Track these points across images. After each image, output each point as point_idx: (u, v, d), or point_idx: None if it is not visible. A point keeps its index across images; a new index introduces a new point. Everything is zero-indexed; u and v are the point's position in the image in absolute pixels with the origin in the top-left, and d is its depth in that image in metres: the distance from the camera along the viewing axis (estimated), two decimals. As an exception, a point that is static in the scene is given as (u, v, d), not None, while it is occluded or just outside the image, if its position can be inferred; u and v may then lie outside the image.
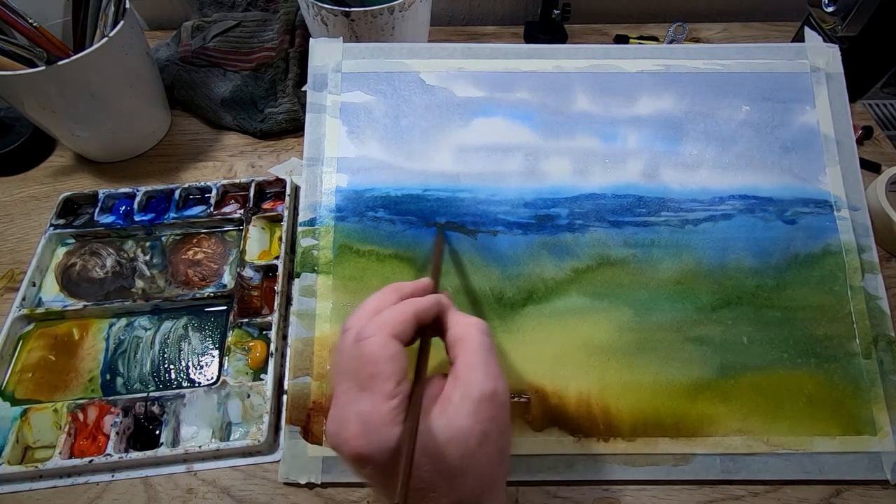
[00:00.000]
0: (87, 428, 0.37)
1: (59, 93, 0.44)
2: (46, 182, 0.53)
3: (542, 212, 0.41)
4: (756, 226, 0.40)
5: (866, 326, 0.38)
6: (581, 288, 0.39)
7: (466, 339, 0.25)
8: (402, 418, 0.23)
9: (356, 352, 0.24)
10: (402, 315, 0.25)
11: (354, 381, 0.24)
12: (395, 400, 0.23)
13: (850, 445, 0.36)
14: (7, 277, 0.46)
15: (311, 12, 0.49)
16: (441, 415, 0.23)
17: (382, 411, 0.23)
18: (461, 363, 0.25)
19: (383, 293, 0.27)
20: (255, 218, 0.47)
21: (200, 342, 0.42)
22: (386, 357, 0.23)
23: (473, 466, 0.23)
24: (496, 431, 0.24)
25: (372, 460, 0.22)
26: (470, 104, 0.43)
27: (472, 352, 0.25)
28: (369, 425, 0.22)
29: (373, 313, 0.25)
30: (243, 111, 0.56)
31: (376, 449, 0.22)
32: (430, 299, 0.27)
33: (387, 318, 0.25)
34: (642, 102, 0.43)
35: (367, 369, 0.23)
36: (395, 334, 0.24)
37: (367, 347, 0.24)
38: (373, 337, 0.24)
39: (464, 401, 0.23)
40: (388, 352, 0.23)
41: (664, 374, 0.37)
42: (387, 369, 0.23)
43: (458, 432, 0.23)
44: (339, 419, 0.24)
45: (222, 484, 0.36)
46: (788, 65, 0.44)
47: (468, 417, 0.23)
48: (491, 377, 0.24)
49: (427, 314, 0.26)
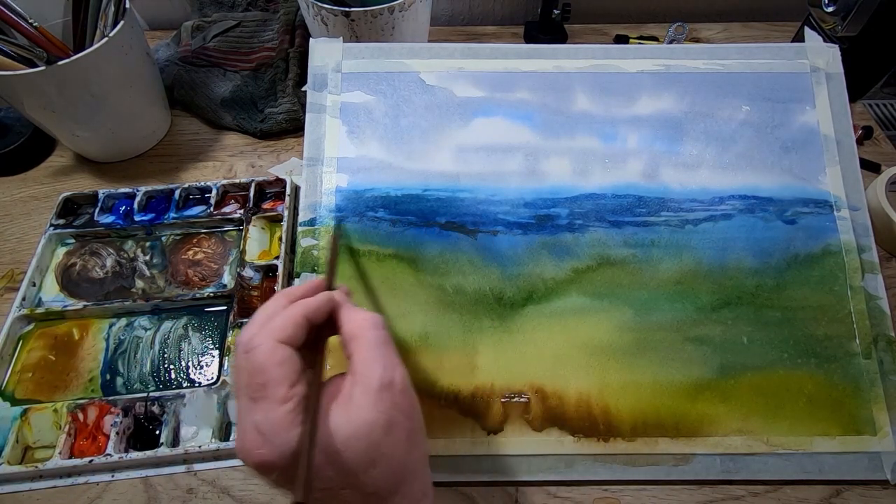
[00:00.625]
0: (87, 428, 0.37)
1: (59, 93, 0.44)
2: (46, 182, 0.53)
3: (542, 212, 0.41)
4: (756, 226, 0.40)
5: (866, 326, 0.38)
6: (581, 288, 0.39)
7: (360, 335, 0.25)
8: (300, 420, 0.23)
9: (246, 364, 0.24)
10: (290, 318, 0.25)
11: (248, 393, 0.23)
12: (289, 403, 0.23)
13: (850, 445, 0.36)
14: (7, 277, 0.46)
15: (311, 12, 0.49)
16: (342, 412, 0.23)
17: (277, 416, 0.22)
18: (357, 359, 0.25)
19: (273, 300, 0.27)
20: (255, 218, 0.47)
21: (200, 342, 0.42)
22: (274, 363, 0.23)
23: (382, 457, 0.23)
24: (401, 417, 0.24)
25: (275, 466, 0.22)
26: (470, 104, 0.43)
27: (367, 347, 0.25)
28: (266, 432, 0.22)
29: (263, 323, 0.25)
30: (243, 111, 0.56)
31: (277, 454, 0.22)
32: (320, 298, 0.26)
33: (274, 324, 0.24)
34: (642, 102, 0.43)
35: (257, 378, 0.23)
36: (283, 339, 0.24)
37: (255, 357, 0.23)
38: (260, 346, 0.23)
39: (363, 394, 0.23)
40: (276, 357, 0.23)
41: (664, 374, 0.37)
42: (276, 375, 0.23)
43: (361, 426, 0.23)
44: (239, 432, 0.24)
45: (222, 484, 0.36)
46: (788, 65, 0.44)
47: (369, 410, 0.23)
48: (388, 367, 0.24)
49: (318, 314, 0.26)
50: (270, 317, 0.25)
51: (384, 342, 0.25)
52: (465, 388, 0.37)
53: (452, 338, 0.38)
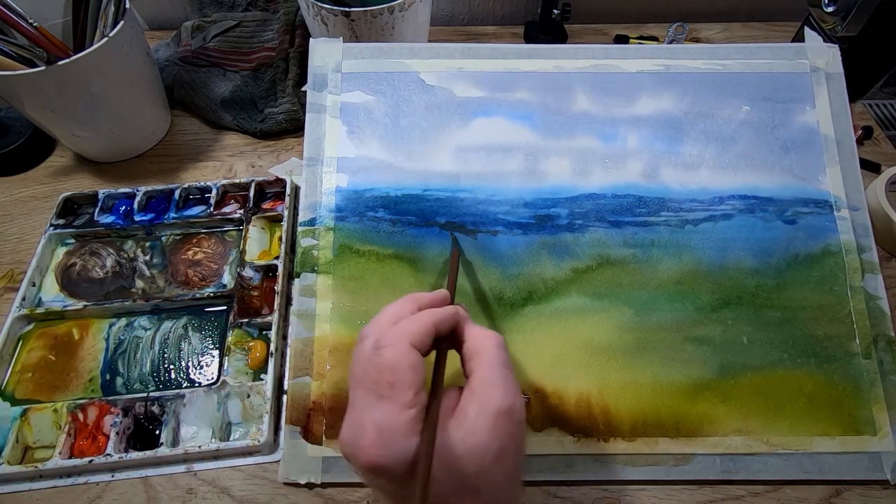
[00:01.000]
0: (87, 428, 0.37)
1: (59, 93, 0.44)
2: (46, 182, 0.53)
3: (542, 212, 0.41)
4: (756, 226, 0.40)
5: (866, 326, 0.38)
6: (581, 288, 0.39)
7: (483, 353, 0.25)
8: (419, 429, 0.22)
9: (376, 359, 0.23)
10: (422, 325, 0.25)
11: (372, 390, 0.23)
12: (413, 410, 0.22)
13: (850, 445, 0.36)
14: (7, 277, 0.46)
15: (311, 12, 0.49)
16: (457, 428, 0.23)
17: (400, 420, 0.22)
18: (477, 377, 0.24)
19: (401, 302, 0.27)
20: (255, 218, 0.47)
21: (200, 342, 0.42)
22: (406, 366, 0.23)
23: (488, 484, 0.23)
24: (513, 449, 0.23)
25: (387, 470, 0.22)
26: (470, 104, 0.43)
27: (489, 366, 0.25)
28: (386, 434, 0.22)
29: (391, 322, 0.25)
30: (243, 111, 0.56)
31: (393, 459, 0.22)
32: (449, 310, 0.26)
33: (407, 327, 0.24)
34: (642, 102, 0.43)
35: (386, 378, 0.23)
36: (414, 344, 0.24)
37: (388, 355, 0.23)
38: (393, 345, 0.23)
39: (480, 415, 0.23)
40: (409, 361, 0.23)
41: (664, 374, 0.37)
42: (406, 378, 0.23)
43: (475, 447, 0.22)
44: (354, 427, 0.23)
45: (222, 484, 0.36)
46: (788, 65, 0.44)
47: (485, 433, 0.23)
48: (509, 393, 0.24)
49: (445, 325, 0.26)
50: (397, 318, 0.25)
51: (506, 364, 0.25)
52: (465, 388, 0.37)
53: (452, 338, 0.38)
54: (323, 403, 0.37)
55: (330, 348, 0.38)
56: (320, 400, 0.37)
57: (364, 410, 0.23)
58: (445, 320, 0.26)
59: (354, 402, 0.24)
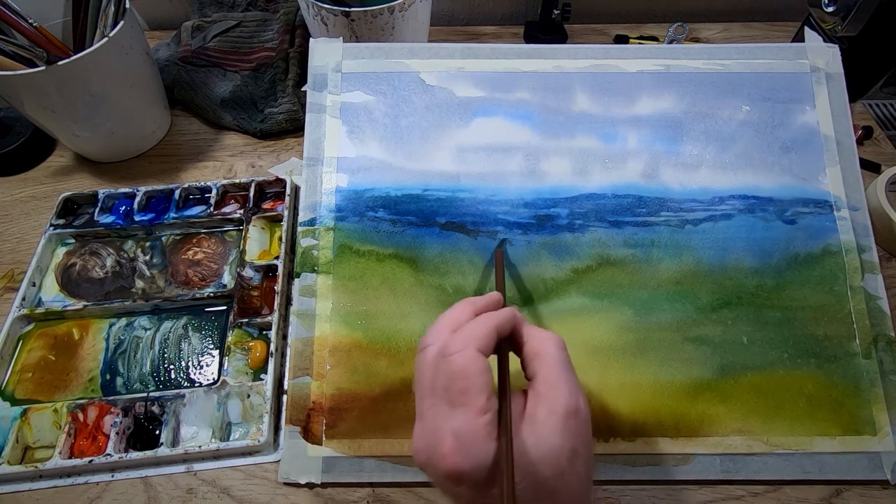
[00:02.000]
0: (87, 428, 0.37)
1: (59, 93, 0.44)
2: (46, 182, 0.53)
3: (542, 212, 0.41)
4: (756, 226, 0.40)
5: (866, 326, 0.38)
6: (581, 288, 0.39)
7: (544, 354, 0.25)
8: (496, 434, 0.22)
9: (445, 366, 0.23)
10: (486, 329, 0.24)
11: (443, 397, 0.23)
12: (488, 415, 0.22)
13: (850, 445, 0.36)
14: (7, 277, 0.46)
15: (311, 12, 0.49)
16: (529, 432, 0.23)
17: (478, 426, 0.22)
18: (542, 379, 0.24)
19: (458, 309, 0.27)
20: (255, 218, 0.47)
21: (200, 342, 0.42)
22: (476, 371, 0.23)
23: (565, 486, 0.23)
24: (584, 449, 0.23)
25: (469, 477, 0.22)
26: (470, 104, 0.43)
27: (552, 367, 0.25)
28: (465, 441, 0.22)
29: (451, 328, 0.25)
30: (243, 111, 0.56)
31: (474, 465, 0.22)
32: (508, 312, 0.26)
33: (471, 332, 0.24)
34: (642, 102, 0.43)
35: (458, 384, 0.23)
36: (480, 348, 0.24)
37: (458, 362, 0.23)
38: (461, 351, 0.23)
39: (549, 418, 0.23)
40: (478, 366, 0.23)
41: (664, 374, 0.37)
42: (478, 383, 0.23)
43: (551, 450, 0.22)
44: (429, 436, 0.23)
45: (222, 484, 0.36)
46: (788, 65, 0.44)
47: (557, 435, 0.23)
48: (574, 393, 0.24)
49: (505, 328, 0.26)
50: (456, 324, 0.25)
51: (568, 365, 0.25)
52: (465, 388, 0.37)
53: (452, 338, 0.38)
54: (323, 403, 0.37)
55: (330, 348, 0.38)
56: (320, 400, 0.37)
57: (438, 419, 0.23)
58: (506, 322, 0.26)
59: (424, 412, 0.24)
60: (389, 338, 0.38)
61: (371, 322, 0.38)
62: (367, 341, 0.38)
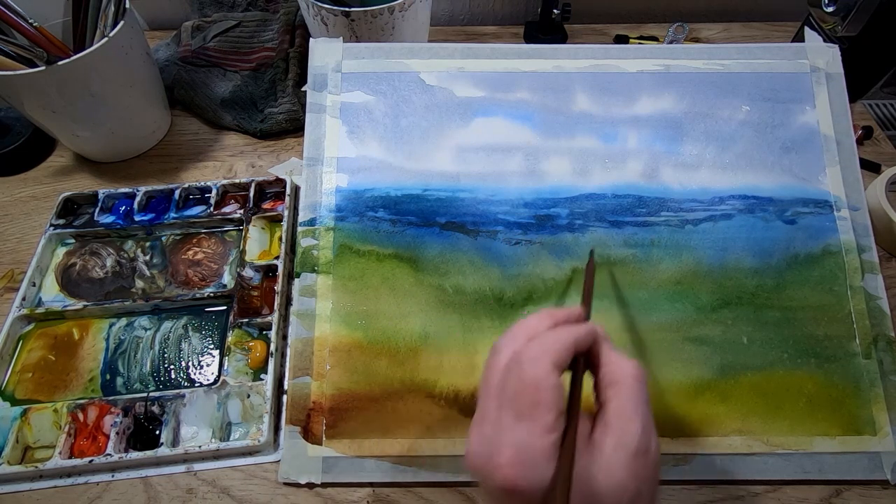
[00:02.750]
0: (87, 428, 0.37)
1: (59, 93, 0.44)
2: (46, 182, 0.53)
3: (542, 212, 0.41)
4: (756, 226, 0.40)
5: (866, 326, 0.38)
6: (581, 288, 0.39)
7: (622, 385, 0.23)
8: (558, 455, 0.21)
9: (517, 372, 0.23)
10: (563, 343, 0.23)
11: (511, 406, 0.22)
12: (554, 434, 0.22)
13: (850, 445, 0.36)
14: (7, 277, 0.46)
15: (311, 12, 0.49)
16: (593, 462, 0.22)
17: (543, 445, 0.21)
18: (614, 409, 0.23)
19: (536, 318, 0.25)
20: (255, 218, 0.47)
21: (200, 342, 0.42)
22: (549, 386, 0.22)
23: None
24: (648, 493, 0.22)
25: (523, 494, 0.21)
26: (470, 104, 0.43)
27: (628, 399, 0.23)
28: (526, 457, 0.21)
29: (527, 336, 0.24)
30: (243, 111, 0.56)
31: (531, 483, 0.21)
32: (588, 328, 0.25)
33: (548, 344, 0.23)
34: (642, 102, 0.43)
35: (529, 396, 0.22)
36: (555, 362, 0.23)
37: (531, 372, 0.22)
38: (535, 361, 0.22)
39: (616, 451, 0.22)
40: (552, 381, 0.22)
41: (664, 374, 0.37)
42: (549, 399, 0.22)
43: (614, 485, 0.21)
44: (489, 443, 0.22)
45: (222, 484, 0.36)
46: (788, 65, 0.44)
47: (623, 471, 0.22)
48: (646, 431, 0.23)
49: (584, 344, 0.24)
50: (533, 332, 0.24)
51: (646, 400, 0.24)
52: (465, 388, 0.37)
53: (452, 338, 0.38)
54: (323, 403, 0.37)
55: (330, 348, 0.38)
56: (320, 400, 0.37)
57: (501, 427, 0.22)
58: (584, 339, 0.24)
59: (487, 414, 0.23)
60: (389, 338, 0.38)
61: (371, 322, 0.38)
62: (367, 341, 0.38)
